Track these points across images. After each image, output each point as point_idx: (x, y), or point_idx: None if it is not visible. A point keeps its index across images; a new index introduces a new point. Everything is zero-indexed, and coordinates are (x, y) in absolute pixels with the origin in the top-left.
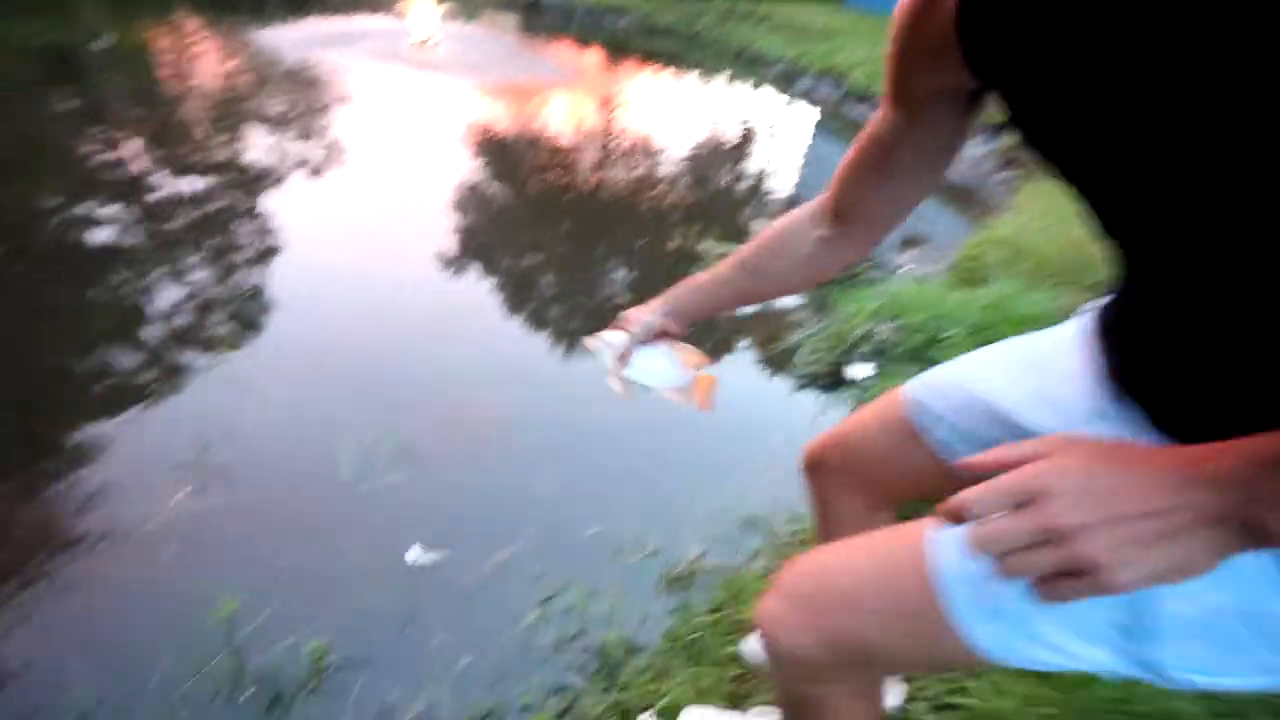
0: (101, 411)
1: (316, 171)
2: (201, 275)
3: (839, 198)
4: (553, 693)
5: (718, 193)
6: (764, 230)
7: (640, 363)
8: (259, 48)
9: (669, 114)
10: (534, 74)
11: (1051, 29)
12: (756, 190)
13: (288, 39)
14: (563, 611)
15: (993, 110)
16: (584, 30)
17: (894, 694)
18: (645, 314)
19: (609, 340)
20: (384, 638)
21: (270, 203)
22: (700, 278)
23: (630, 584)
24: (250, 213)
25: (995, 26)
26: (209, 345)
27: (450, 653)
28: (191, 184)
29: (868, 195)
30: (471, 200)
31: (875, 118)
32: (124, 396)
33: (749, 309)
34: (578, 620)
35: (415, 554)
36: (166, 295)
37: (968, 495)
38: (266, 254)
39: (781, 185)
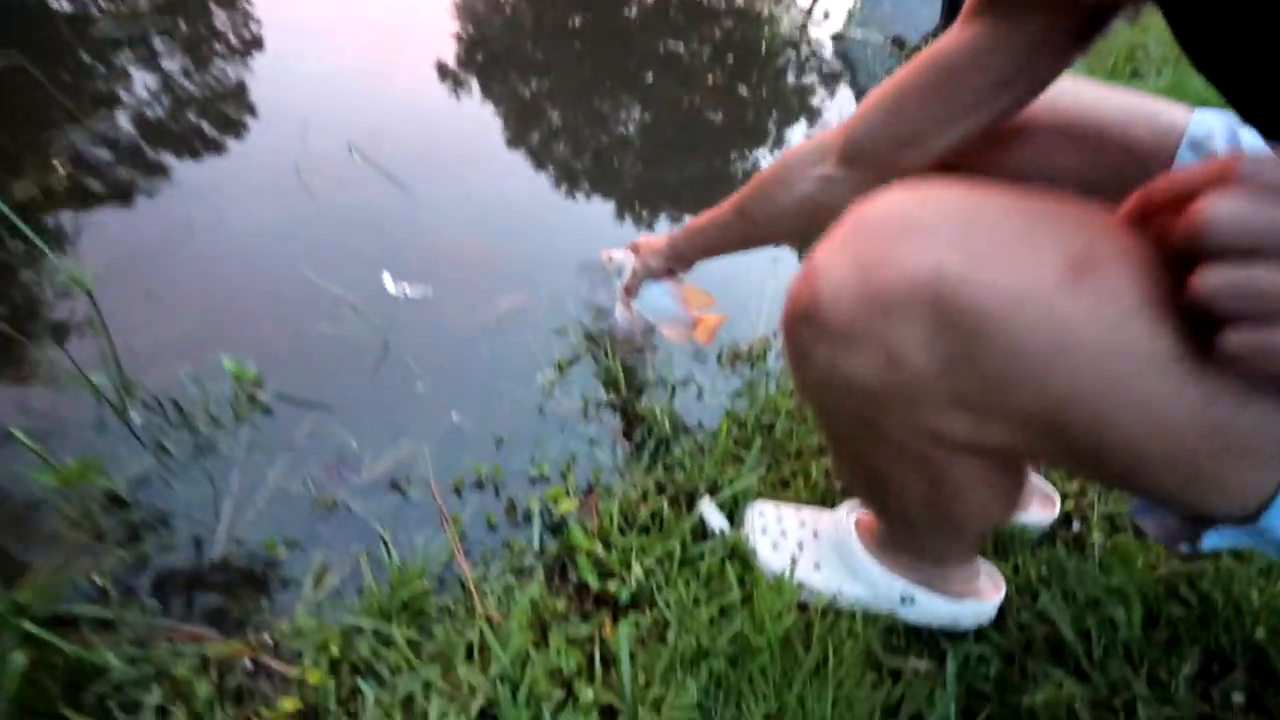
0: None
1: None
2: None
3: (855, 130)
4: (573, 464)
5: (752, 23)
6: (765, 168)
7: (646, 295)
8: None
9: None
10: None
11: None
12: (794, 28)
13: None
14: (590, 376)
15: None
16: None
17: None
18: (653, 249)
19: (620, 264)
20: (344, 376)
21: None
22: (701, 220)
23: (680, 353)
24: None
25: None
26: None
27: (435, 406)
28: None
29: (897, 128)
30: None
31: (937, 41)
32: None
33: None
34: (611, 389)
35: (396, 284)
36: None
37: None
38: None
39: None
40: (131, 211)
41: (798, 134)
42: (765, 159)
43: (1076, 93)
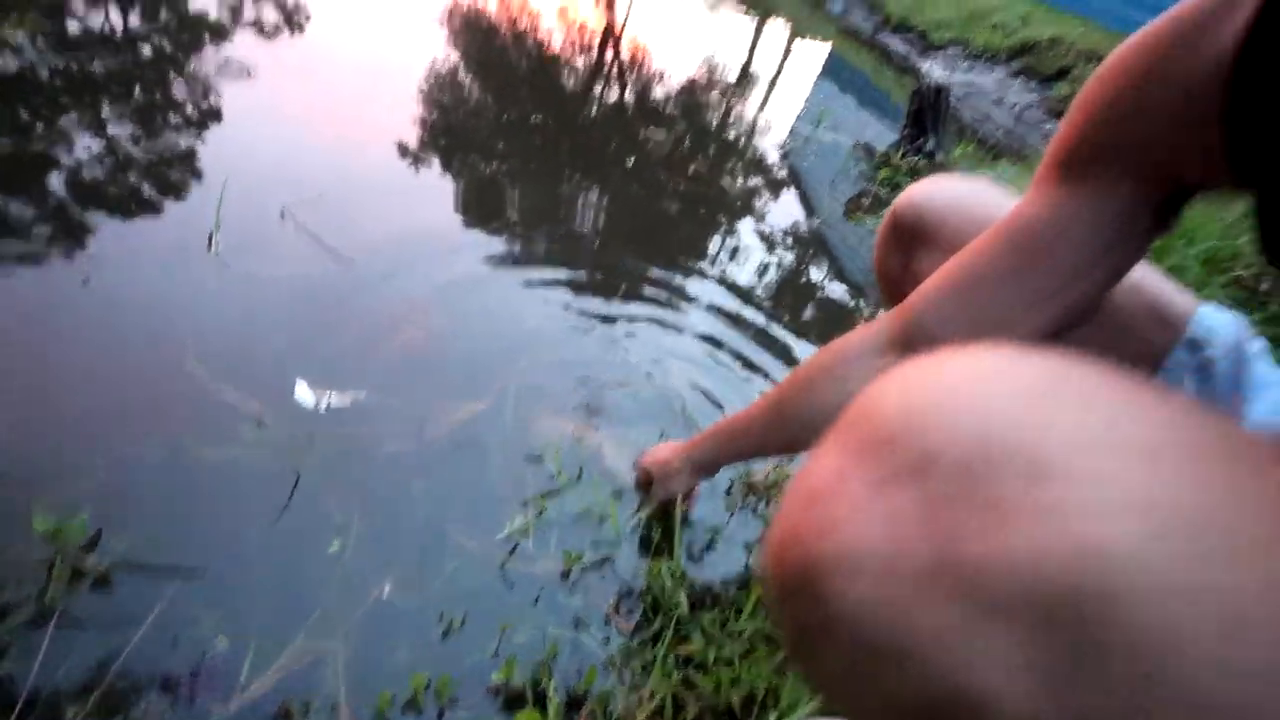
0: None
1: (274, 27)
2: (122, 131)
3: (924, 315)
4: (553, 662)
5: (721, 121)
6: (807, 360)
7: None
8: None
9: (679, 27)
10: None
11: None
12: (766, 125)
13: None
14: (572, 516)
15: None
16: None
17: None
18: (671, 473)
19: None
20: (228, 525)
21: (215, 58)
22: (726, 423)
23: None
24: (189, 66)
25: None
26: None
27: (356, 573)
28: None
29: (972, 304)
30: (446, 87)
31: (1009, 215)
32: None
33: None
34: (600, 544)
35: (315, 393)
36: (80, 146)
37: None
38: (205, 116)
39: (795, 121)
40: None
41: (761, 227)
42: (737, 241)
43: None
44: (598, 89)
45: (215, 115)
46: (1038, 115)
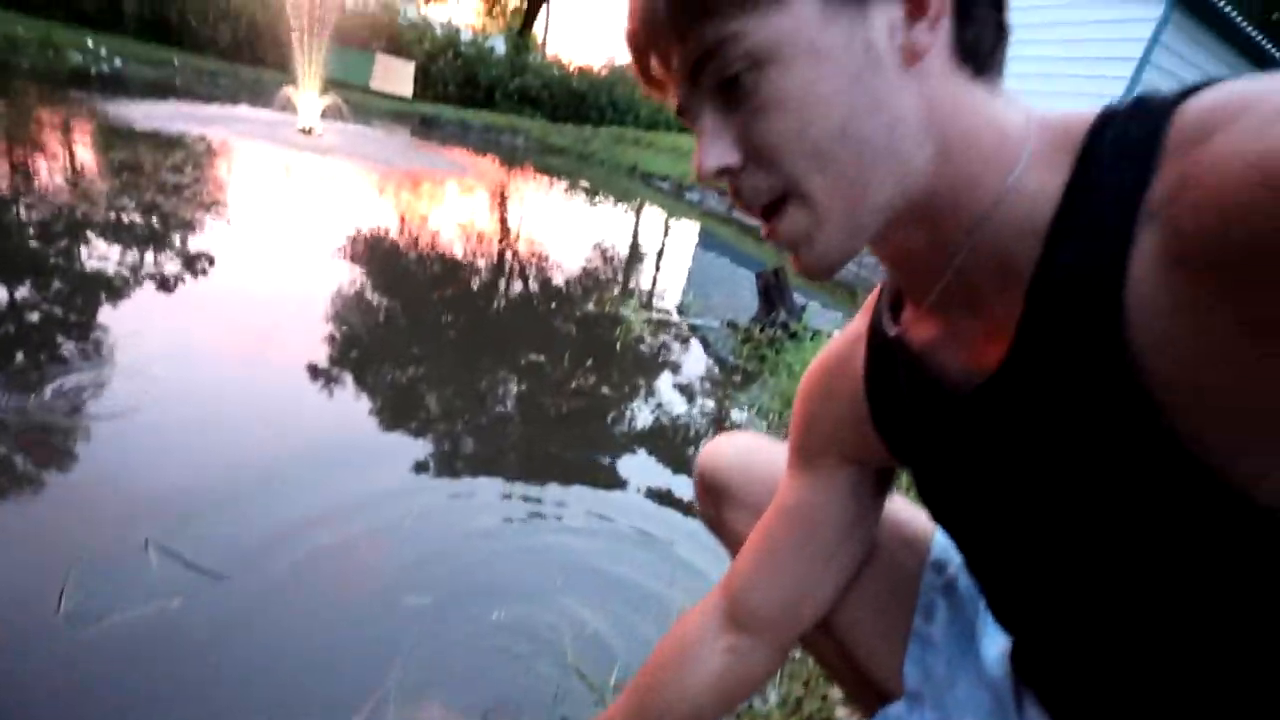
0: None
1: (177, 261)
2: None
3: (739, 592)
4: None
5: (611, 301)
6: (657, 647)
7: None
8: (119, 120)
9: (565, 220)
10: (432, 166)
11: (930, 415)
12: (649, 297)
13: (156, 113)
14: None
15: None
16: (481, 144)
17: None
18: None
19: None
20: None
21: (118, 306)
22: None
23: None
24: (89, 320)
25: (899, 397)
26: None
27: None
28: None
29: (777, 583)
30: (355, 302)
31: (778, 496)
32: None
33: None
34: None
35: None
36: None
37: None
38: (100, 368)
39: (673, 291)
40: None
41: (658, 410)
42: (635, 437)
43: None
44: (487, 300)
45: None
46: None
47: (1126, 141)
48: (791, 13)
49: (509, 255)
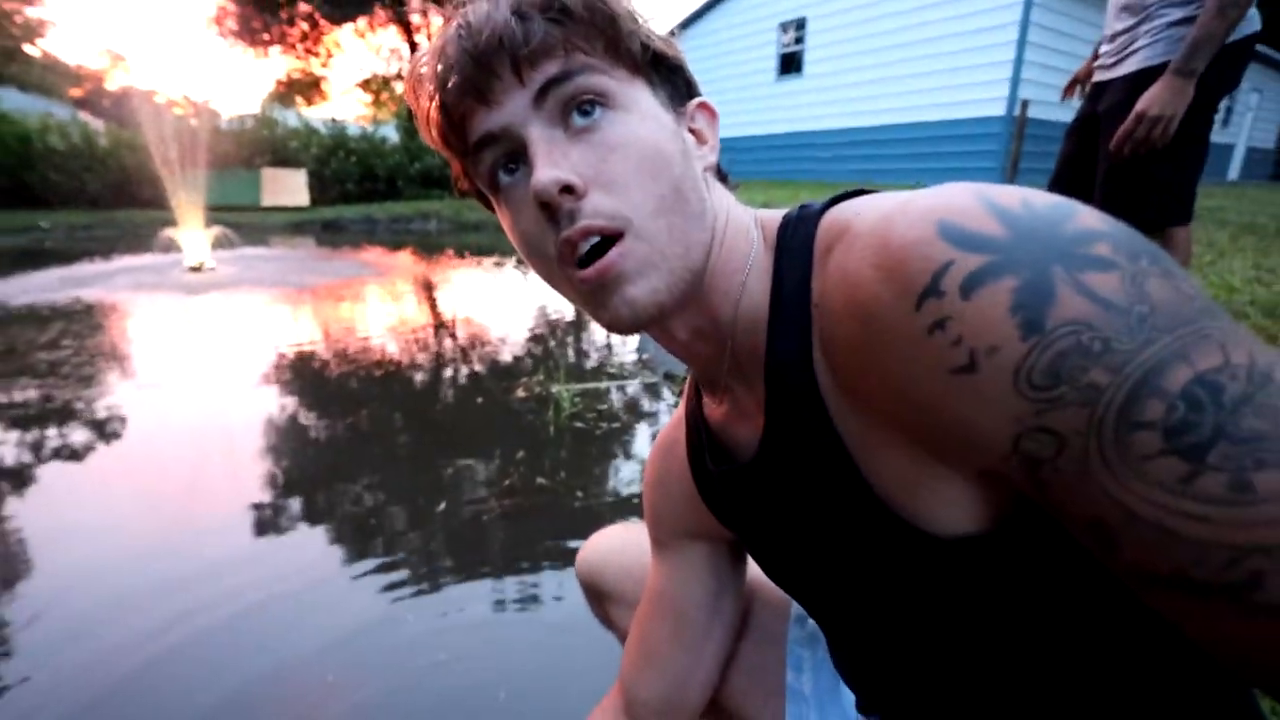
0: None
1: (70, 435)
2: None
3: (628, 687)
4: None
5: (539, 382)
6: None
7: None
8: None
9: (488, 302)
10: (338, 276)
11: (731, 485)
12: (581, 368)
13: (31, 284)
14: None
15: None
16: (392, 237)
17: None
18: None
19: None
20: None
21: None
22: None
23: None
24: None
25: (709, 471)
26: None
27: None
28: None
29: (658, 671)
30: (280, 435)
31: (647, 584)
32: None
33: None
34: None
35: None
36: None
37: None
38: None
39: (607, 353)
40: None
41: (598, 492)
42: (573, 527)
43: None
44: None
45: None
46: None
47: (795, 245)
48: (640, 89)
49: (432, 355)
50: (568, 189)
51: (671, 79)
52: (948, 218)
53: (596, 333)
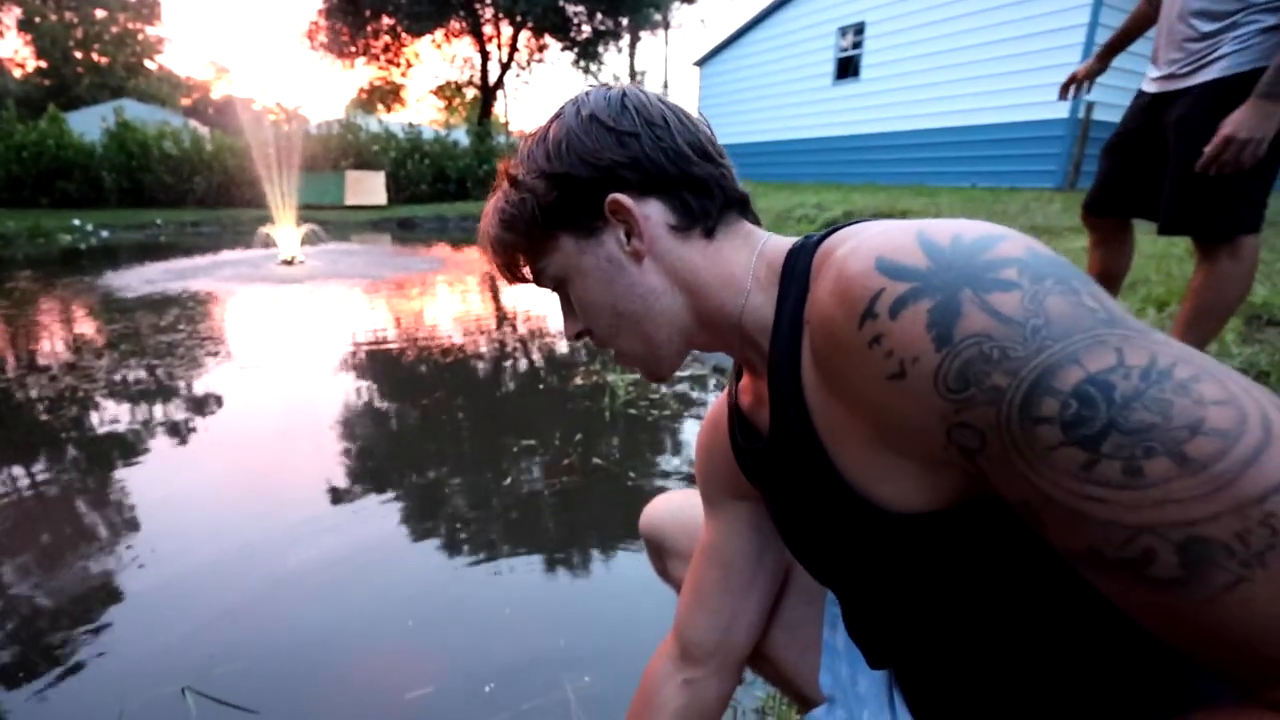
0: None
1: (182, 414)
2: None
3: (683, 630)
4: None
5: (600, 368)
6: (632, 700)
7: None
8: (109, 286)
9: (547, 294)
10: (412, 270)
11: (754, 460)
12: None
13: (142, 276)
14: None
15: None
16: (461, 234)
17: None
18: None
19: None
20: None
21: (134, 470)
22: None
23: None
24: (101, 488)
25: (742, 454)
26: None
27: None
28: (27, 461)
29: (709, 616)
30: (361, 415)
31: (700, 539)
32: None
33: None
34: None
35: None
36: None
37: None
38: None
39: None
40: None
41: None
42: (630, 503)
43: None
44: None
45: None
46: None
47: (797, 270)
48: (562, 250)
49: (495, 344)
50: (581, 334)
51: (574, 212)
52: (883, 254)
53: None
